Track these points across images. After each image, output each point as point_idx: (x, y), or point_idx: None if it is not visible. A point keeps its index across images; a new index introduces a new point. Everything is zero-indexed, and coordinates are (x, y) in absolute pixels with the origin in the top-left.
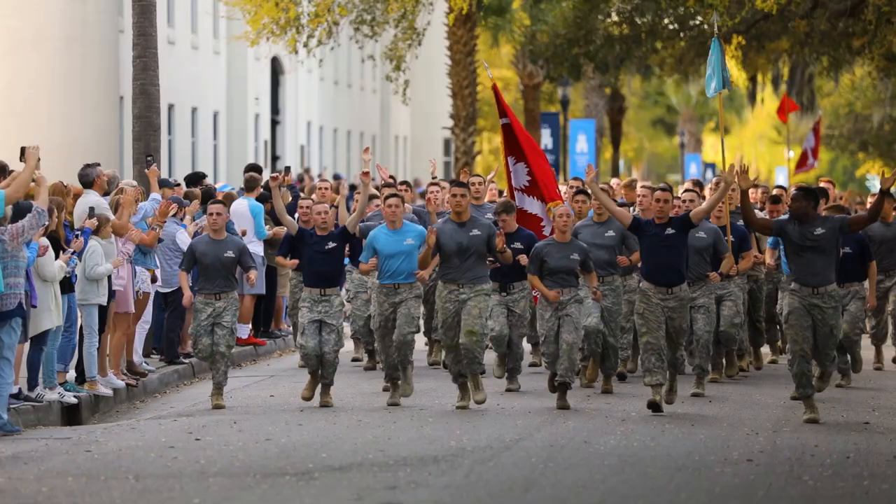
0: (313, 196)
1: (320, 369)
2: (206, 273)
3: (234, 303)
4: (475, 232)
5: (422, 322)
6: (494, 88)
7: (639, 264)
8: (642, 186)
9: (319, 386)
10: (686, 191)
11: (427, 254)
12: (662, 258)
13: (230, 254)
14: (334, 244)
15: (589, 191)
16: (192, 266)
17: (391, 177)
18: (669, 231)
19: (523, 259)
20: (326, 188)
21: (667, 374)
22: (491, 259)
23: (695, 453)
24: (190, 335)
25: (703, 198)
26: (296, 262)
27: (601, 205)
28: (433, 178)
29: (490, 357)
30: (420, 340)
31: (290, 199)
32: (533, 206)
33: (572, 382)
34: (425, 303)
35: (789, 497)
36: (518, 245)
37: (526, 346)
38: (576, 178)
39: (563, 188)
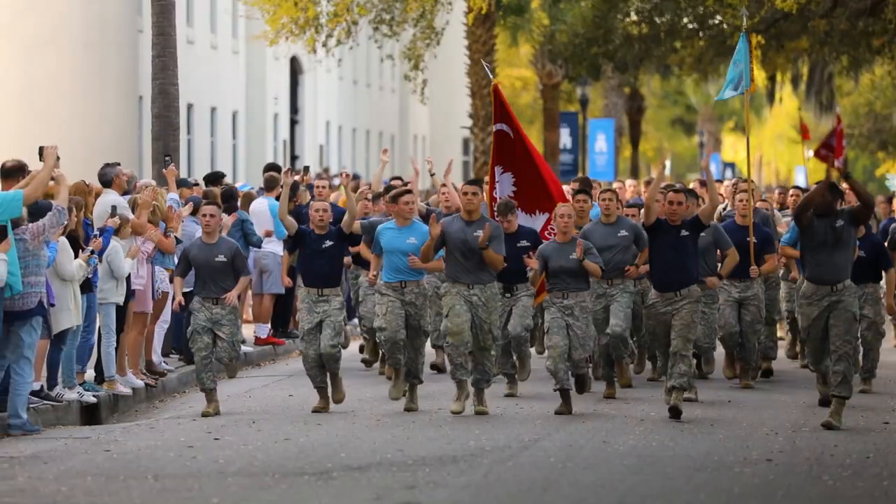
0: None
1: (323, 368)
2: (200, 277)
3: (232, 311)
4: (481, 232)
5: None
6: (496, 90)
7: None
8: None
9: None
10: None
11: (429, 246)
12: (673, 260)
13: (221, 258)
14: (331, 243)
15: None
16: (186, 271)
17: (397, 177)
18: (683, 233)
19: (530, 261)
20: (324, 186)
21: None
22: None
23: (714, 453)
24: (187, 334)
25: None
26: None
27: (608, 206)
28: (431, 174)
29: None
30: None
31: (310, 198)
32: (518, 216)
33: (571, 388)
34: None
35: (809, 497)
36: (525, 243)
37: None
38: (595, 181)
39: (565, 188)
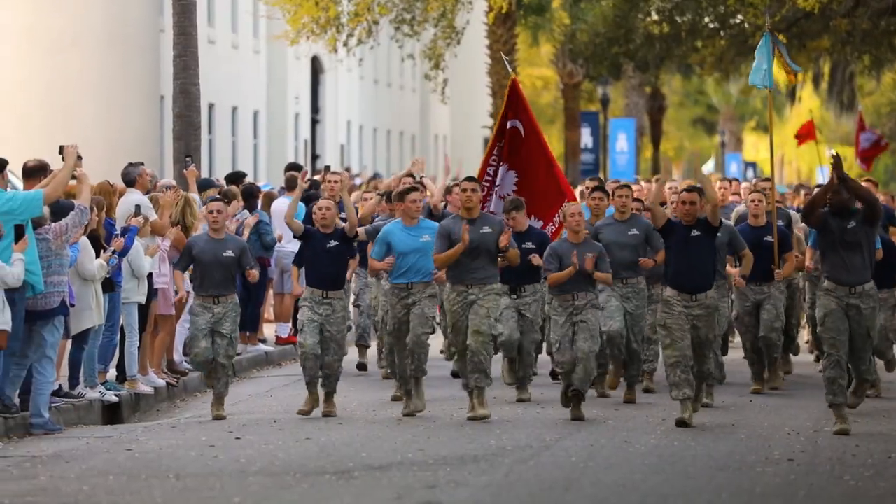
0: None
1: (321, 379)
2: (203, 273)
3: (234, 308)
4: (486, 229)
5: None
6: (514, 84)
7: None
8: (670, 187)
9: (322, 395)
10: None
11: (453, 254)
12: (688, 262)
13: (230, 253)
14: (336, 243)
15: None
16: (188, 265)
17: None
18: (696, 233)
19: (536, 259)
20: (337, 181)
21: (693, 387)
22: (501, 256)
23: (736, 453)
24: (186, 341)
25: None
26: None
27: (624, 203)
28: (447, 174)
29: (497, 365)
30: (435, 348)
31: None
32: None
33: (586, 392)
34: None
35: (830, 497)
36: (530, 244)
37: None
38: (615, 181)
39: (579, 188)
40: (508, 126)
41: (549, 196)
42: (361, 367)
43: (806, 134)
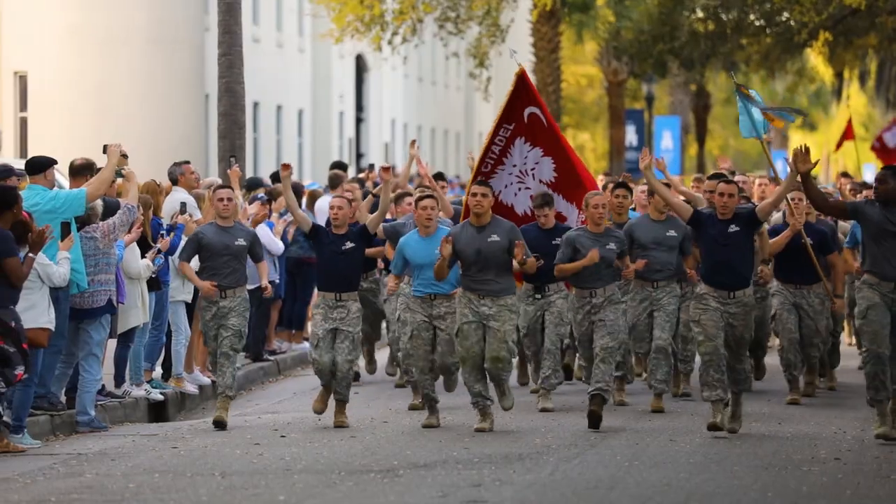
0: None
1: (333, 383)
2: (212, 264)
3: (242, 303)
4: (493, 238)
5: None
6: (522, 74)
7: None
8: (709, 181)
9: (334, 403)
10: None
11: (442, 265)
12: (724, 258)
13: (241, 241)
14: (352, 244)
15: (647, 181)
16: (192, 255)
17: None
18: (733, 228)
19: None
20: (365, 177)
21: (728, 390)
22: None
23: (781, 452)
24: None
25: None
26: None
27: (661, 200)
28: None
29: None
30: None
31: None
32: (558, 203)
33: (608, 395)
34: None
35: (877, 496)
36: (558, 241)
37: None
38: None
39: (602, 179)
40: (527, 112)
41: (580, 185)
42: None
43: (845, 136)
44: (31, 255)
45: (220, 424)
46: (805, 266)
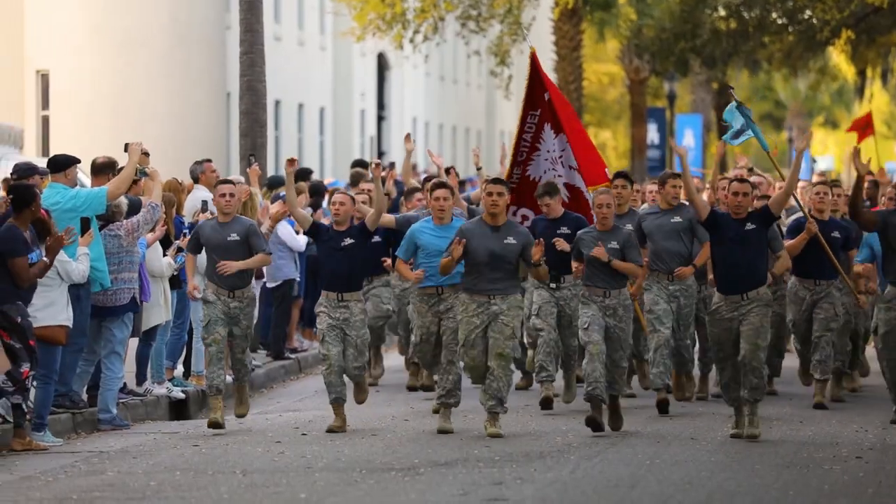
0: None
1: (345, 391)
2: (212, 260)
3: (250, 303)
4: (510, 240)
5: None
6: (533, 57)
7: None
8: (721, 179)
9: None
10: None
11: (449, 264)
12: (740, 257)
13: (234, 236)
14: (352, 241)
15: (683, 172)
16: (196, 249)
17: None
18: (749, 227)
19: (561, 243)
20: (385, 175)
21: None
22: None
23: (803, 450)
24: (202, 322)
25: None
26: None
27: (675, 193)
28: (478, 168)
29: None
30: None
31: (396, 194)
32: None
33: (604, 398)
34: (402, 320)
35: None
36: (565, 230)
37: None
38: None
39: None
40: (546, 97)
41: (594, 168)
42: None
43: (864, 127)
44: (45, 259)
45: (216, 425)
46: (828, 261)
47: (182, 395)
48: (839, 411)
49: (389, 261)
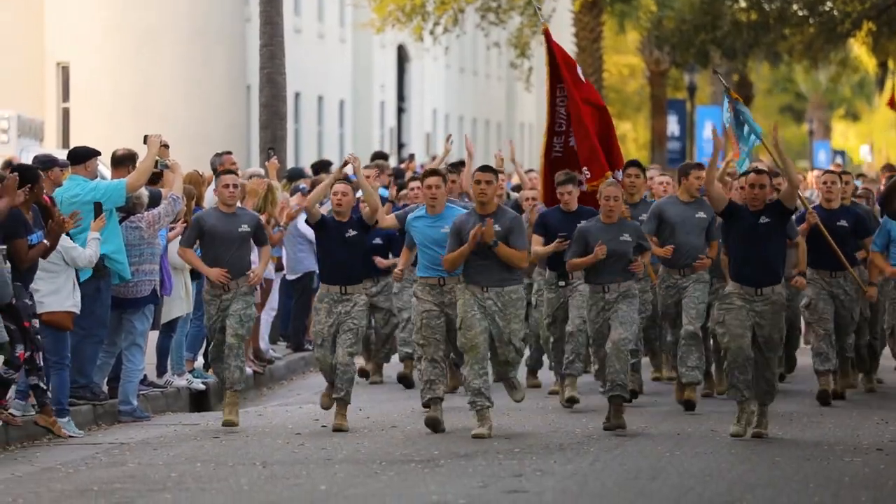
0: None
1: (335, 380)
2: (214, 252)
3: (249, 290)
4: (497, 228)
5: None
6: (546, 34)
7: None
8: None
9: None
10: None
11: (458, 258)
12: (755, 250)
13: (245, 227)
14: (355, 232)
15: (710, 165)
16: (194, 241)
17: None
18: (764, 219)
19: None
20: (405, 167)
21: (753, 395)
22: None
23: (823, 442)
24: (206, 330)
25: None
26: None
27: (694, 184)
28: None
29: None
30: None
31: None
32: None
33: (627, 395)
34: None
35: None
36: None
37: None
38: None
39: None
40: (559, 86)
41: (604, 155)
42: (363, 373)
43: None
44: (45, 241)
45: (230, 425)
46: (841, 251)
47: (202, 387)
48: (859, 404)
49: (385, 262)
